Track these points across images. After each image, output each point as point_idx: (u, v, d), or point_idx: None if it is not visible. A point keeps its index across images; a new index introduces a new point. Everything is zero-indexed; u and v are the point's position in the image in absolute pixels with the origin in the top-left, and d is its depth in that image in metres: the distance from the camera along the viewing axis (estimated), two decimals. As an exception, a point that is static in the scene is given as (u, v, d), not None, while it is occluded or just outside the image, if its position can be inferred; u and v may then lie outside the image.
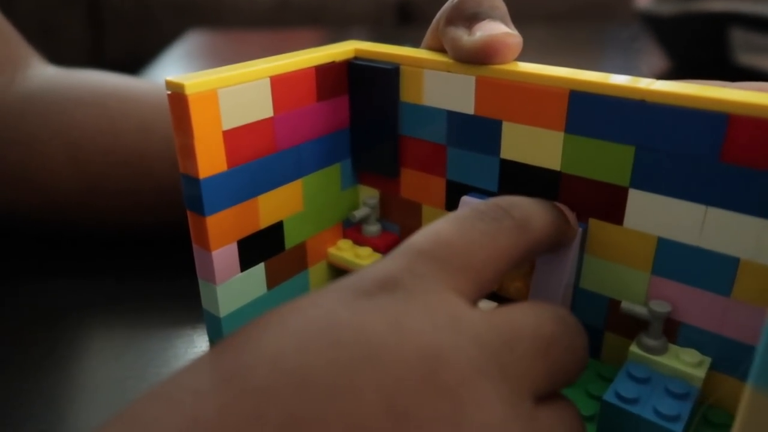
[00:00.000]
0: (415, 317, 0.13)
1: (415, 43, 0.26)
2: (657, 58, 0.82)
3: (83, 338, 0.27)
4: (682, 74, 0.73)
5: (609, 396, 0.19)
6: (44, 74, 0.34)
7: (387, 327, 0.13)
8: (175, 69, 0.79)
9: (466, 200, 0.23)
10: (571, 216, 0.20)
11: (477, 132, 0.23)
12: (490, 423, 0.12)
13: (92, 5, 1.67)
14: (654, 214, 0.20)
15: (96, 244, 0.34)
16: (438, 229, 0.16)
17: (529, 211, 0.18)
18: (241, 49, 0.90)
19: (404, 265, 0.15)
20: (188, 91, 0.20)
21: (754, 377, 0.11)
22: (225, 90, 0.21)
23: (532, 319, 0.15)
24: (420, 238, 0.16)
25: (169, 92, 0.20)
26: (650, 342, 0.20)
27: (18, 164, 0.31)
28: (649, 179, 0.20)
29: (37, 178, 0.31)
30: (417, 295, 0.14)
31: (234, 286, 0.23)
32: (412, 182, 0.26)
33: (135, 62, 1.68)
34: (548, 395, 0.15)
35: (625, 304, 0.21)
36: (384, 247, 0.27)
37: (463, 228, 0.16)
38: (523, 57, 0.22)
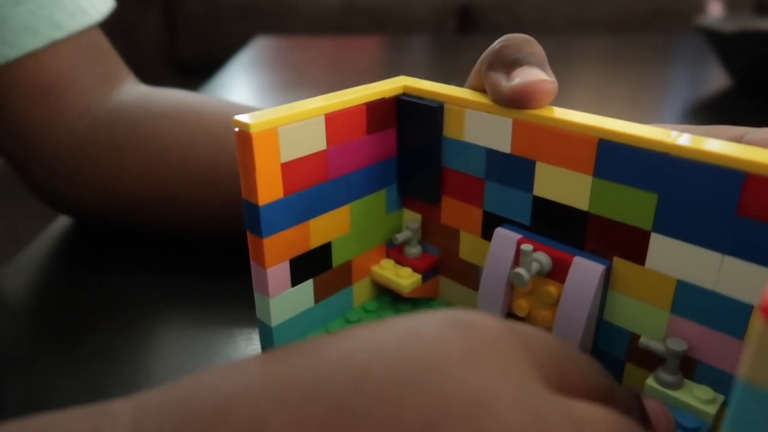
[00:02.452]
0: (484, 362, 0.14)
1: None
2: (720, 74, 0.80)
3: (159, 329, 0.30)
4: (742, 93, 0.72)
5: (622, 425, 0.21)
6: (135, 90, 0.38)
7: (459, 363, 0.14)
8: (242, 75, 0.83)
9: (500, 231, 0.25)
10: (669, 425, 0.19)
11: (512, 169, 0.25)
12: None
13: (167, 8, 1.76)
14: (674, 258, 0.21)
15: (171, 244, 0.38)
16: (542, 337, 0.16)
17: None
18: (305, 56, 0.94)
19: (507, 325, 0.15)
20: (253, 130, 0.22)
21: (727, 425, 0.12)
22: (284, 128, 0.23)
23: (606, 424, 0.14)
24: (530, 327, 0.16)
25: (236, 129, 0.23)
26: (666, 377, 0.22)
27: (107, 167, 0.35)
28: (670, 225, 0.21)
29: (122, 182, 0.35)
30: (498, 346, 0.14)
31: (285, 299, 0.26)
32: (452, 210, 0.28)
33: (205, 63, 1.75)
34: None
35: (644, 340, 0.22)
36: (423, 268, 0.29)
37: (576, 357, 0.16)
38: (589, 66, 0.23)
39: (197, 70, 1.78)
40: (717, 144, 0.20)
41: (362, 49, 1.05)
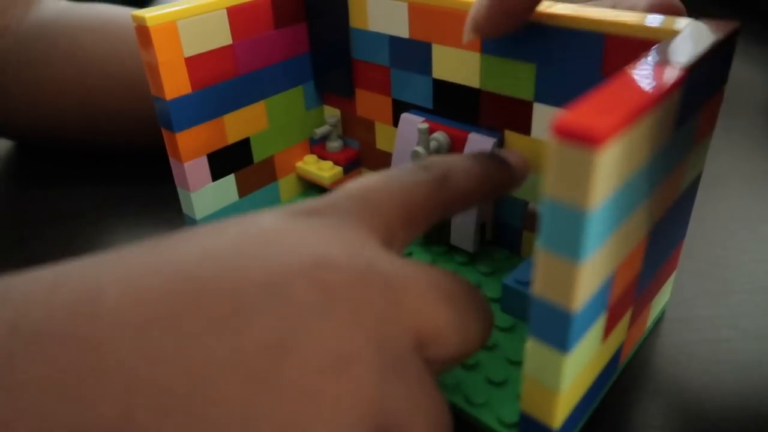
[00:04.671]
0: (317, 233, 0.15)
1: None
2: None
3: (98, 235, 0.32)
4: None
5: (508, 280, 0.23)
6: (55, 6, 0.38)
7: (294, 236, 0.15)
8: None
9: (405, 117, 0.26)
10: (517, 159, 0.22)
11: (413, 54, 0.26)
12: (355, 349, 0.14)
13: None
14: (554, 125, 0.23)
15: (105, 157, 0.39)
16: (368, 178, 0.18)
17: (450, 167, 0.19)
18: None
19: (331, 202, 0.17)
20: (149, 23, 0.23)
21: (540, 240, 0.14)
22: (184, 21, 0.24)
23: (432, 280, 0.16)
24: (351, 183, 0.18)
25: (135, 25, 0.23)
26: (551, 237, 0.24)
27: (31, 85, 0.36)
28: (548, 93, 0.22)
29: (48, 99, 0.36)
30: (329, 222, 0.16)
31: (207, 193, 0.27)
32: (366, 102, 0.29)
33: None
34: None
35: (531, 205, 0.24)
36: (344, 161, 0.30)
37: (387, 177, 0.18)
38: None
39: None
40: (580, 10, 0.21)
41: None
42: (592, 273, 0.15)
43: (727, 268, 0.27)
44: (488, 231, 0.26)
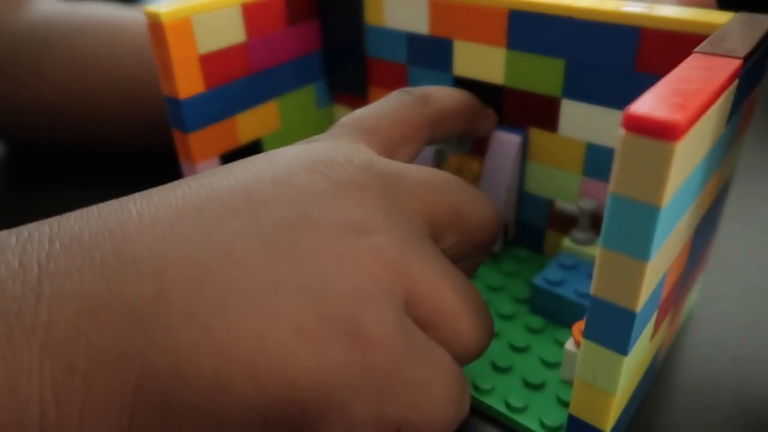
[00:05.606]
0: (315, 148, 0.17)
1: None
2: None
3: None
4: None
5: (538, 280, 0.22)
6: (50, 6, 0.37)
7: (293, 149, 0.16)
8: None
9: (424, 114, 0.26)
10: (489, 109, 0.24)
11: (432, 51, 0.25)
12: (370, 222, 0.15)
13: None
14: (583, 121, 0.22)
15: (106, 160, 0.37)
16: (358, 110, 0.20)
17: (430, 90, 0.21)
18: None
19: (326, 132, 0.18)
20: (164, 19, 0.22)
21: (602, 239, 0.14)
22: (198, 17, 0.23)
23: (430, 172, 0.17)
24: (343, 117, 0.19)
25: (148, 21, 0.22)
26: (579, 235, 0.23)
27: (27, 87, 0.34)
28: (577, 89, 0.22)
29: (45, 100, 0.34)
30: (327, 143, 0.17)
31: (219, 195, 0.26)
32: (380, 100, 0.28)
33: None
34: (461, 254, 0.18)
35: (559, 203, 0.24)
36: (357, 161, 0.30)
37: (373, 105, 0.20)
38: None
39: None
40: (613, 3, 0.20)
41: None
42: (654, 272, 0.14)
43: (747, 265, 0.27)
44: (510, 231, 0.26)
